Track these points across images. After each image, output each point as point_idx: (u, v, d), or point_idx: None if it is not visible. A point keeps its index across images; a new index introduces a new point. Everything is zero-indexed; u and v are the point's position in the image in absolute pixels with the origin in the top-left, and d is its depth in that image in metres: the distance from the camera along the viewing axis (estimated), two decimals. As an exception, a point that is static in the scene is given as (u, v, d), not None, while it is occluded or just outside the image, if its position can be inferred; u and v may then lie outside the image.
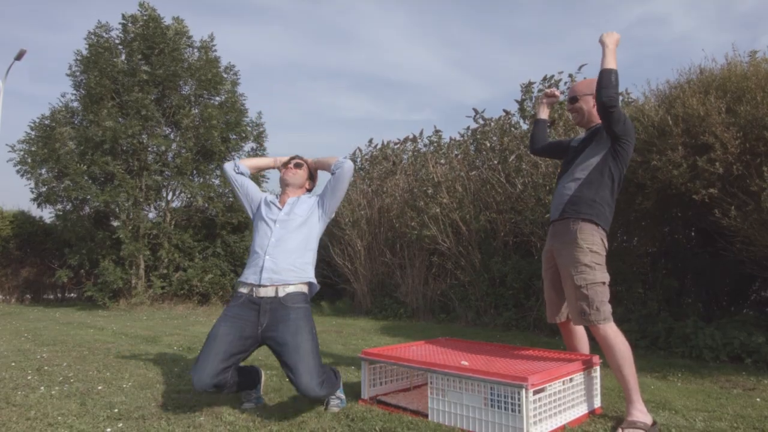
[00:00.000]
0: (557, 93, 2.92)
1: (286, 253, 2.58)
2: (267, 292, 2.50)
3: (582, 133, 2.75)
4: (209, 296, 9.14)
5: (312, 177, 2.94)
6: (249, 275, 2.56)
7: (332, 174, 2.75)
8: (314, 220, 2.72)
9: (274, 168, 3.01)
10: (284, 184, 2.83)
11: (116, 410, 2.51)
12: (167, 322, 6.63)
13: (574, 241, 2.42)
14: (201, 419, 2.37)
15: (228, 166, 2.90)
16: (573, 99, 2.64)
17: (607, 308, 2.37)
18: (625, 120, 2.45)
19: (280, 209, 2.72)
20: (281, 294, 2.50)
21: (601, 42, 2.46)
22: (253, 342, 2.44)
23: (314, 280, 2.64)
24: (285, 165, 2.89)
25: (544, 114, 2.99)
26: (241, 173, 2.90)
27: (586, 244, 2.40)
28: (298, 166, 2.87)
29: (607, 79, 2.36)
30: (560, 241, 2.51)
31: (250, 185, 2.89)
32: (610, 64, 2.39)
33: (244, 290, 2.55)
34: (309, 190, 2.93)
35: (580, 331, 2.67)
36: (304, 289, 2.59)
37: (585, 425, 2.32)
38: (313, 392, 2.25)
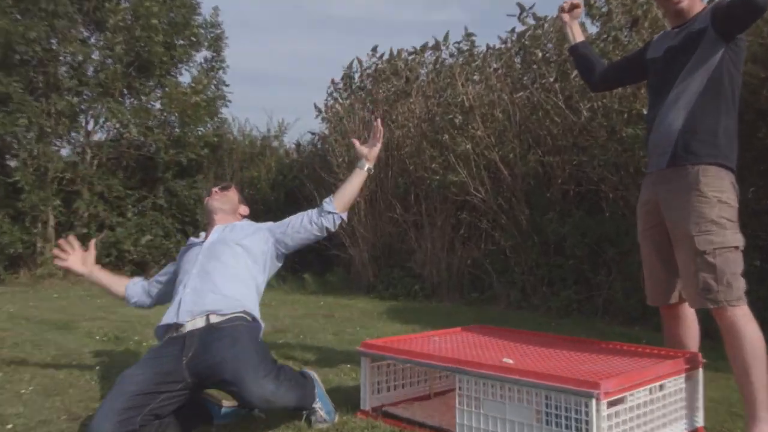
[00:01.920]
0: (580, 2, 2.99)
1: (214, 282, 2.67)
2: (194, 324, 2.55)
3: (665, 32, 2.69)
4: (147, 265, 9.25)
5: (246, 202, 3.13)
6: (166, 317, 2.64)
7: (312, 220, 2.87)
8: (259, 245, 2.85)
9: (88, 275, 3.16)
10: (211, 212, 2.97)
11: (10, 426, 2.50)
12: (87, 302, 6.66)
13: (694, 187, 2.38)
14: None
15: (137, 303, 3.16)
16: None
17: (741, 284, 2.37)
18: None
19: (203, 241, 2.89)
20: (214, 320, 2.55)
21: None
22: (177, 379, 2.37)
23: (258, 315, 2.71)
24: (208, 192, 3.07)
25: (579, 35, 2.99)
26: (149, 294, 3.15)
27: (712, 191, 2.36)
28: (225, 188, 3.05)
29: None
30: (670, 188, 2.48)
31: (162, 280, 3.11)
32: None
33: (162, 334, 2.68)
34: (245, 218, 3.11)
35: (691, 318, 2.66)
36: (245, 316, 2.64)
37: (682, 452, 2.31)
38: (268, 391, 2.20)
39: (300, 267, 8.90)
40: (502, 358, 2.43)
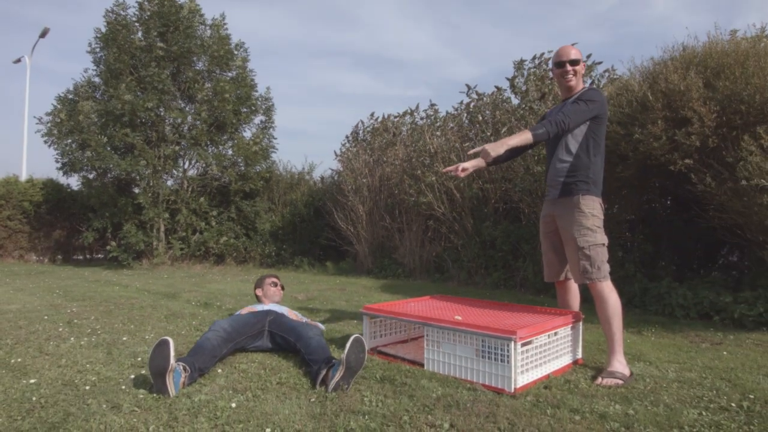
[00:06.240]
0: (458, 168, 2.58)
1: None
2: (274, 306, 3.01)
3: (558, 105, 2.67)
4: (224, 257, 9.19)
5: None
6: (257, 307, 2.97)
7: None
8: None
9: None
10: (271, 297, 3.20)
11: (139, 359, 2.52)
12: (186, 280, 6.68)
13: (576, 207, 2.42)
14: (218, 370, 2.37)
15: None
16: (575, 62, 2.48)
17: (606, 267, 2.39)
18: (594, 103, 2.38)
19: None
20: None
21: (497, 147, 2.25)
22: (259, 327, 2.69)
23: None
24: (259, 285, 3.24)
25: (480, 161, 2.66)
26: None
27: (588, 209, 2.41)
28: (275, 284, 3.28)
29: (543, 136, 2.32)
30: (562, 208, 2.50)
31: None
32: (526, 137, 2.28)
33: None
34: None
35: (575, 289, 2.68)
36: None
37: (568, 374, 2.34)
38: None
39: (323, 257, 8.93)
40: (455, 316, 2.48)
